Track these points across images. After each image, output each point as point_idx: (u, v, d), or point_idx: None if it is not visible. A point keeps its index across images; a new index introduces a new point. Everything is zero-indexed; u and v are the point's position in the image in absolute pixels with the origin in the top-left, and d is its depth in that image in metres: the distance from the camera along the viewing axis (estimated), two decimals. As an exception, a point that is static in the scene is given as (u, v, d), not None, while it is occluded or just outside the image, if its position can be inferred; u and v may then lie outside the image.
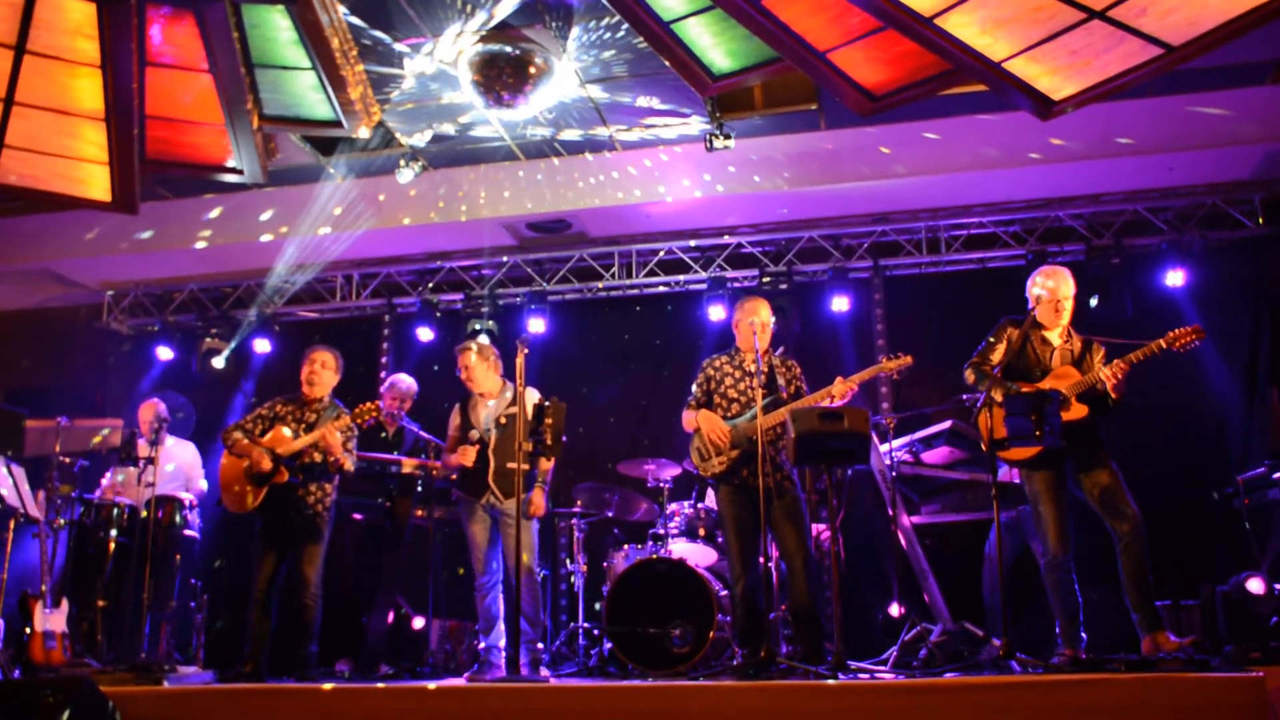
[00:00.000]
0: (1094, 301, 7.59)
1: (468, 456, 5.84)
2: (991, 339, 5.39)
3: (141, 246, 8.78)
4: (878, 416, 6.73)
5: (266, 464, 5.71)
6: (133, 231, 8.69)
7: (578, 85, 6.93)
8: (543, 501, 5.91)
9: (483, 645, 5.82)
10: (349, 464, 5.88)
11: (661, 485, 6.92)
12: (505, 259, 8.89)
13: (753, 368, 5.56)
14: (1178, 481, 7.07)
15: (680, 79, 5.93)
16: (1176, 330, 4.97)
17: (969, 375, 5.36)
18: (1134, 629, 4.89)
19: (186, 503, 6.91)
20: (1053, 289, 5.24)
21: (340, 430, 5.77)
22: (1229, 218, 7.75)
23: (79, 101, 5.47)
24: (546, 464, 5.90)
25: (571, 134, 7.65)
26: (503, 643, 5.75)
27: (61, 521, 6.58)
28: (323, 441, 5.75)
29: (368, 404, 5.84)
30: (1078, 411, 5.03)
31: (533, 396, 5.90)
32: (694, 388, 5.73)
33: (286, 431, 5.84)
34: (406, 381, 7.29)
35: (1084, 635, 4.97)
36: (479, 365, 5.99)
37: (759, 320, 5.56)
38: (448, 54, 6.46)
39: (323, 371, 6.04)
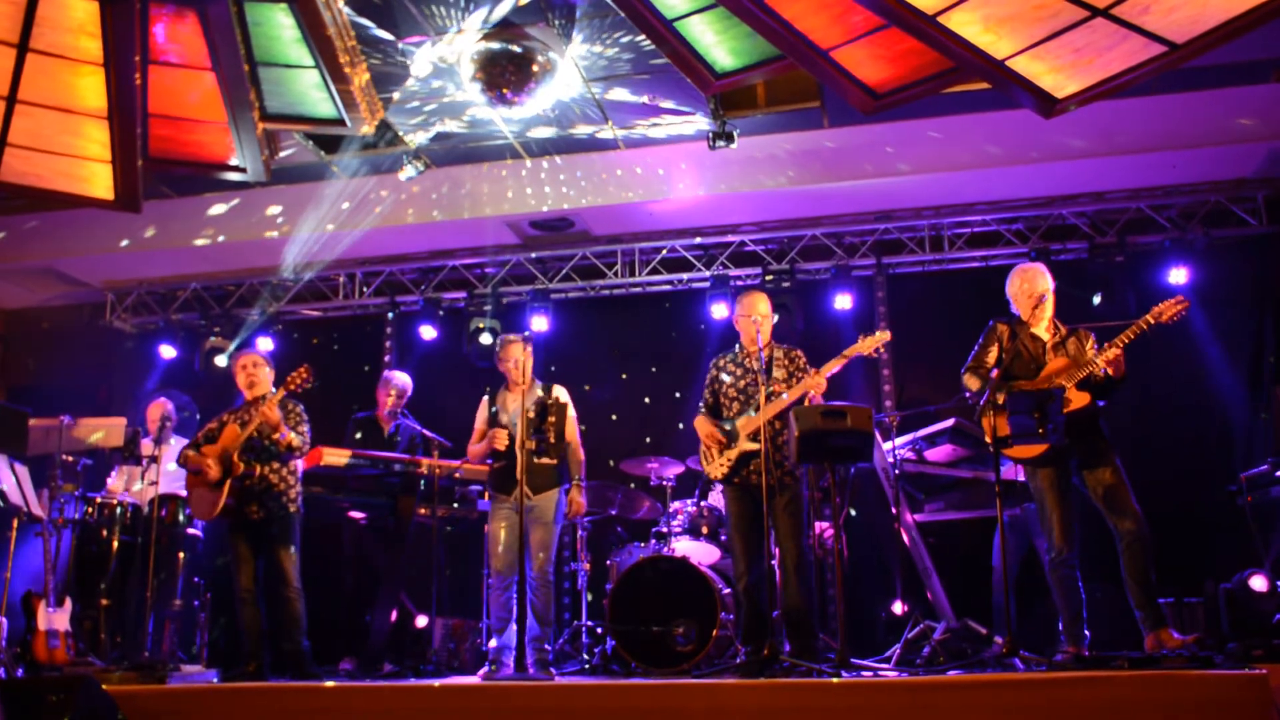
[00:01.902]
0: (1097, 299, 7.59)
1: (500, 439, 5.83)
2: (983, 341, 5.42)
3: (144, 245, 8.79)
4: (881, 414, 6.73)
5: (214, 472, 5.80)
6: (135, 230, 8.70)
7: (581, 83, 6.92)
8: (583, 500, 6.00)
9: (494, 644, 5.79)
10: (295, 440, 5.92)
11: (664, 483, 6.93)
12: (508, 257, 8.88)
13: (754, 364, 5.54)
14: (1181, 479, 7.08)
15: (683, 77, 5.92)
16: (1161, 305, 4.98)
17: (969, 380, 5.36)
18: (1137, 626, 4.89)
19: (190, 501, 6.91)
20: (1029, 287, 5.30)
21: (279, 405, 5.85)
22: (1232, 215, 7.74)
23: (82, 100, 5.47)
24: (577, 466, 5.98)
25: (574, 132, 7.65)
26: (513, 641, 5.73)
27: (64, 520, 6.59)
28: (262, 417, 5.79)
29: (299, 369, 5.87)
30: (1080, 400, 5.02)
31: (563, 395, 5.95)
32: (704, 390, 5.74)
33: (237, 427, 5.91)
34: (401, 377, 7.29)
35: (1087, 633, 4.97)
36: (528, 360, 5.94)
37: (758, 314, 5.55)
38: (451, 52, 6.46)
39: (257, 371, 6.13)
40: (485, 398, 6.13)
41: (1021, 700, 3.83)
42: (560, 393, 5.96)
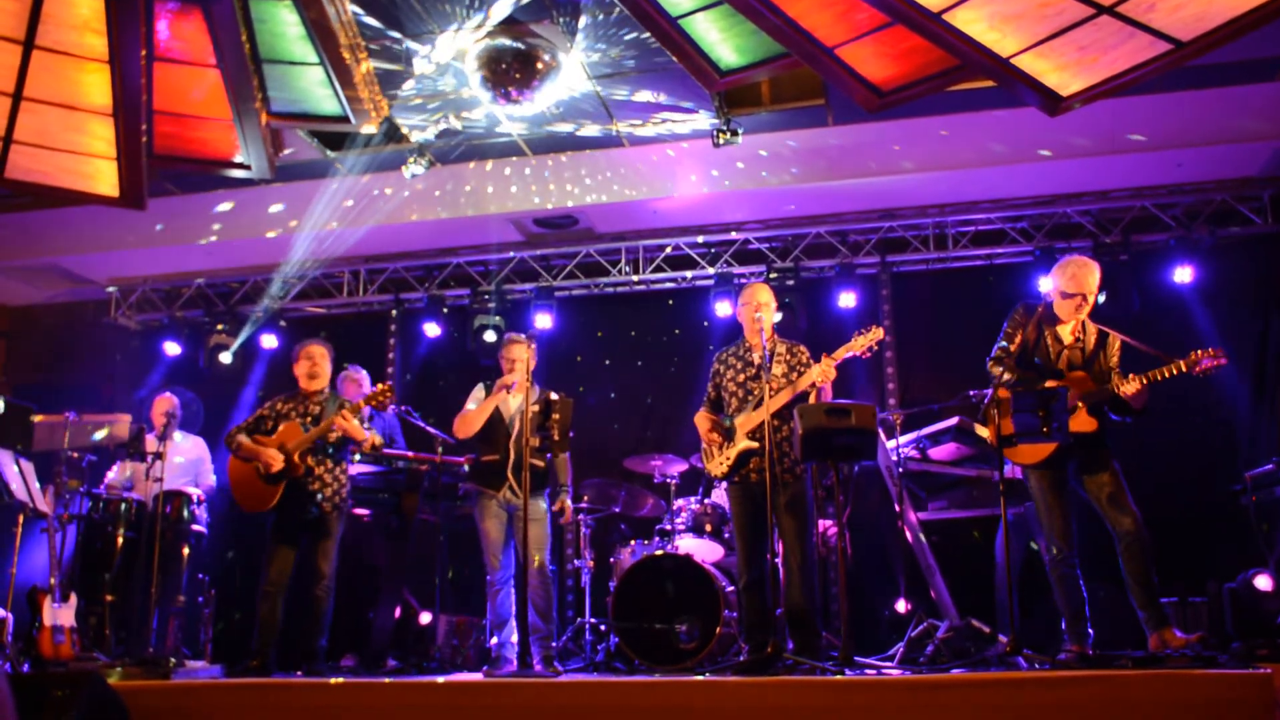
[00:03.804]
0: (1102, 298, 7.57)
1: (509, 378, 5.85)
2: (1009, 329, 5.22)
3: (149, 242, 8.80)
4: (885, 412, 6.72)
5: (277, 465, 5.74)
6: (140, 227, 8.71)
7: (585, 80, 6.92)
8: (571, 507, 6.07)
9: (495, 641, 5.81)
10: (377, 438, 5.96)
11: (668, 481, 6.93)
12: (512, 255, 8.89)
13: (755, 358, 5.49)
14: (1185, 479, 7.07)
15: (688, 75, 5.92)
16: (1198, 352, 4.82)
17: (995, 370, 5.11)
18: (1141, 626, 4.89)
19: (195, 498, 6.92)
20: (1076, 282, 5.03)
21: (352, 414, 5.84)
22: (1237, 214, 7.73)
23: (87, 97, 5.48)
24: (565, 472, 6.00)
25: (578, 129, 7.64)
26: (514, 638, 5.74)
27: (69, 516, 6.60)
28: (341, 430, 5.80)
29: (381, 385, 5.88)
30: (1086, 425, 4.96)
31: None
32: (708, 384, 5.72)
33: (298, 426, 5.87)
34: (360, 372, 7.29)
35: (1090, 631, 4.96)
36: (532, 361, 5.85)
37: (757, 303, 5.50)
38: (455, 49, 6.46)
39: (322, 362, 6.10)
40: (482, 383, 6.06)
41: (1025, 699, 3.82)
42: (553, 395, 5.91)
